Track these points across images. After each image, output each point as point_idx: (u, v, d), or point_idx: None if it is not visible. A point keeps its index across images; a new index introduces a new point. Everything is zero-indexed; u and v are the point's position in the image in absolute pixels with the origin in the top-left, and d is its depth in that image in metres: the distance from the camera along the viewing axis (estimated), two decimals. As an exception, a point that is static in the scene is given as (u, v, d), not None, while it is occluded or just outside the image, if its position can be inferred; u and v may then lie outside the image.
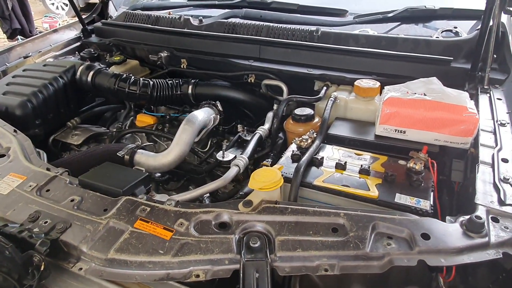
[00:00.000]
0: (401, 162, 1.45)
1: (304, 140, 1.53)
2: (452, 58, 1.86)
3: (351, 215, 1.15)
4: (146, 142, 2.14)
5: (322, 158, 1.46)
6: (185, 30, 2.33)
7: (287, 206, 1.20)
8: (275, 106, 2.02)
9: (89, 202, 1.27)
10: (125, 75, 2.10)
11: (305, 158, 1.41)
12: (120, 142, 2.11)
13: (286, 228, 1.14)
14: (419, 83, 1.65)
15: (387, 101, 1.54)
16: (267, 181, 1.25)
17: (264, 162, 1.66)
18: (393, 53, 1.91)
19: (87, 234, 1.14)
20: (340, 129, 1.68)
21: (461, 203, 1.40)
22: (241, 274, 1.02)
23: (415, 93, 1.56)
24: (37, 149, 1.66)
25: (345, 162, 1.42)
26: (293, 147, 1.56)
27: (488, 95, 1.74)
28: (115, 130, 2.17)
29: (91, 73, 2.11)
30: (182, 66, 2.36)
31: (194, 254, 1.07)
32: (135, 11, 2.63)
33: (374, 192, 1.28)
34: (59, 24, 7.26)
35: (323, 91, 1.87)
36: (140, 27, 2.46)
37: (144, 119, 2.17)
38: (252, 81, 2.13)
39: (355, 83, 1.78)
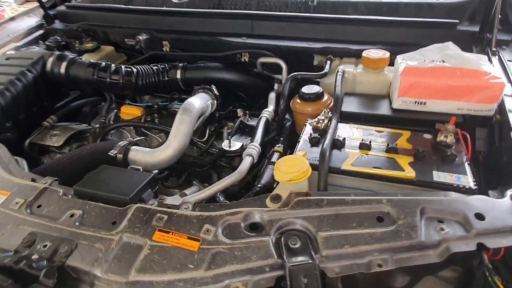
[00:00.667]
0: (427, 136, 1.36)
1: (320, 121, 1.40)
2: (458, 21, 1.77)
3: (394, 201, 1.04)
4: (136, 137, 1.94)
5: (344, 139, 1.34)
6: (165, 8, 2.10)
7: (322, 197, 1.08)
8: (276, 86, 1.86)
9: (93, 216, 1.09)
10: (103, 63, 1.87)
11: (327, 140, 1.28)
12: (107, 139, 1.90)
13: (326, 222, 1.02)
14: (434, 50, 1.54)
15: (405, 71, 1.43)
16: (295, 171, 1.11)
17: (276, 148, 1.53)
18: (397, 19, 1.79)
19: (99, 255, 0.97)
20: (352, 105, 1.56)
21: (492, 174, 1.33)
22: (288, 282, 0.90)
23: (433, 61, 1.45)
24: (15, 157, 1.44)
25: (370, 142, 1.30)
26: (308, 130, 1.43)
27: (497, 57, 1.67)
28: (98, 126, 1.94)
29: (64, 64, 1.86)
30: (164, 49, 2.15)
31: (229, 264, 0.93)
32: (102, -9, 2.34)
33: (410, 172, 1.17)
34: (9, 14, 6.64)
35: (327, 66, 1.73)
36: (112, 8, 2.20)
37: (130, 111, 1.96)
38: (246, 60, 1.96)
39: (363, 54, 1.65)
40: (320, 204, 1.06)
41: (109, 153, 1.53)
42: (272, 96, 1.79)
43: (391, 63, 1.62)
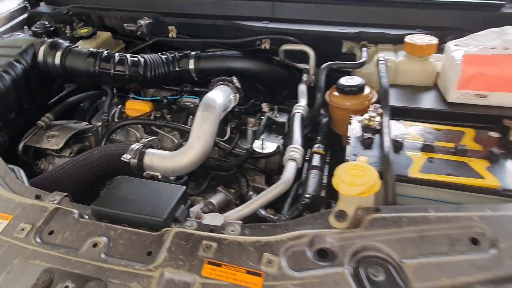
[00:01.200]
0: (493, 134, 1.19)
1: (372, 119, 1.21)
2: (504, 2, 1.60)
3: (487, 218, 0.87)
4: (145, 136, 1.72)
5: (403, 139, 1.16)
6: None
7: (399, 214, 0.91)
8: (304, 77, 1.65)
9: (121, 244, 0.89)
10: (105, 52, 1.62)
11: (387, 142, 1.10)
12: (112, 140, 1.67)
13: (410, 246, 0.85)
14: (490, 35, 1.37)
15: (466, 59, 1.25)
16: (364, 183, 0.93)
17: (315, 149, 1.34)
18: (438, 0, 1.60)
19: (138, 299, 0.77)
20: (397, 99, 1.38)
21: None
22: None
23: (494, 48, 1.28)
24: (10, 166, 1.20)
25: (433, 142, 1.13)
26: (356, 128, 1.24)
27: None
28: (100, 124, 1.71)
29: (59, 53, 1.60)
30: (170, 36, 1.90)
31: (304, 306, 0.75)
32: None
33: (493, 180, 1.01)
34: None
35: (364, 53, 1.54)
36: (109, -12, 1.93)
37: (137, 107, 1.72)
38: (267, 47, 1.75)
39: (407, 39, 1.46)
40: (399, 223, 0.88)
41: (121, 158, 1.31)
42: (302, 88, 1.59)
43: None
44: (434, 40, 1.45)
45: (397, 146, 1.14)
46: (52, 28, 2.00)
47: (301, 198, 1.15)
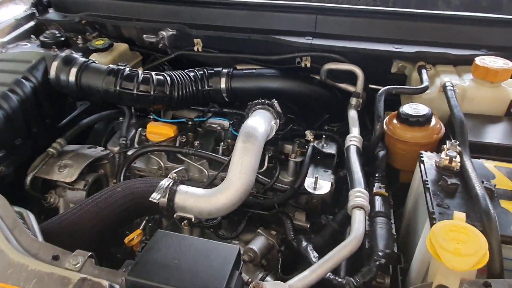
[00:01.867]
0: None
1: (453, 159, 1.02)
2: None
3: None
4: (167, 163, 1.51)
5: (494, 185, 0.97)
6: (198, -3, 1.66)
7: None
8: (353, 101, 1.46)
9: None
10: (127, 69, 1.43)
11: (480, 190, 0.91)
12: (132, 167, 1.47)
13: None
14: None
15: (560, 90, 1.07)
16: (474, 253, 0.74)
17: (377, 190, 1.14)
18: (504, 17, 1.42)
19: None
20: (470, 132, 1.18)
21: None
22: None
23: None
24: (16, 208, 0.99)
25: (534, 190, 0.94)
26: (431, 170, 1.04)
27: None
28: (118, 150, 1.50)
29: (74, 69, 1.40)
30: (196, 49, 1.71)
31: None
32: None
33: None
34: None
35: (425, 76, 1.35)
36: (127, -4, 1.73)
37: (160, 130, 1.52)
38: (308, 65, 1.55)
39: (477, 62, 1.28)
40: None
41: (150, 199, 1.10)
42: (354, 115, 1.40)
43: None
44: (510, 64, 1.26)
45: (489, 194, 0.95)
46: (62, 39, 1.80)
47: (373, 256, 0.95)
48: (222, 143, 1.50)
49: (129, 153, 1.50)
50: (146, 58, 1.91)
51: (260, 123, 1.27)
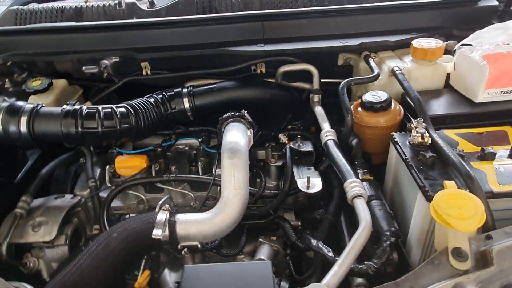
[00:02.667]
0: (531, 128, 1.21)
1: (423, 135, 1.15)
2: (479, -3, 1.67)
3: None
4: (146, 195, 1.46)
5: (462, 150, 1.11)
6: (140, 20, 1.60)
7: (518, 238, 0.84)
8: (316, 98, 1.54)
9: None
10: (84, 107, 1.33)
11: (454, 157, 1.04)
12: (112, 211, 1.39)
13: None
14: (495, 31, 1.40)
15: (490, 59, 1.26)
16: (475, 214, 0.86)
17: (363, 176, 1.24)
18: (421, 2, 1.62)
19: None
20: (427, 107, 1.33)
21: None
22: None
23: (508, 44, 1.31)
24: (14, 284, 0.90)
25: (493, 148, 1.11)
26: (405, 149, 1.16)
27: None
28: (88, 194, 1.41)
29: (24, 118, 1.27)
30: (144, 73, 1.65)
31: None
32: (32, 6, 1.71)
33: None
34: None
35: (373, 64, 1.48)
36: (57, 29, 1.60)
37: (130, 163, 1.45)
38: (263, 71, 1.60)
39: (414, 44, 1.44)
40: (526, 248, 0.82)
41: (153, 236, 1.07)
42: (321, 111, 1.47)
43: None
44: (441, 43, 1.44)
45: (463, 159, 1.09)
46: (-13, 86, 1.62)
47: (381, 237, 1.04)
48: (199, 163, 1.48)
49: (102, 194, 1.42)
50: (87, 91, 1.80)
51: (239, 136, 1.29)
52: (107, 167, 1.47)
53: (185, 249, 1.17)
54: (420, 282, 0.81)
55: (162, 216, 1.11)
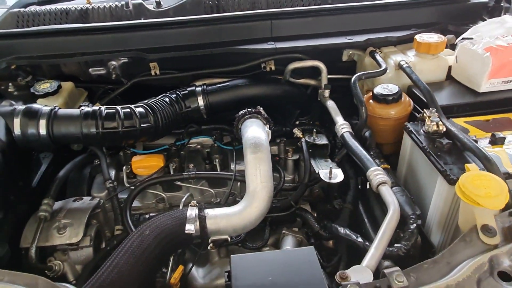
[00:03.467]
0: (531, 114, 1.30)
1: (437, 123, 1.22)
2: (472, -6, 1.77)
3: None
4: (163, 194, 1.47)
5: (475, 136, 1.19)
6: (149, 21, 1.60)
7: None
8: (326, 92, 1.59)
9: None
10: (102, 108, 1.33)
11: (470, 143, 1.11)
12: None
13: None
14: (492, 25, 1.50)
15: (492, 51, 1.34)
16: (501, 192, 0.93)
17: (381, 165, 1.29)
18: (424, -1, 1.70)
19: None
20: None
21: None
22: None
23: (506, 36, 1.40)
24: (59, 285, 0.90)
25: (502, 133, 1.19)
26: (421, 137, 1.23)
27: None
28: (105, 195, 1.41)
29: (43, 121, 1.26)
30: (153, 73, 1.66)
31: None
32: (35, 8, 1.68)
33: None
34: None
35: (380, 59, 1.54)
36: (68, 30, 1.58)
37: (147, 163, 1.46)
38: (272, 68, 1.64)
39: (418, 39, 1.51)
40: (549, 222, 0.89)
41: (186, 232, 1.09)
42: (333, 105, 1.52)
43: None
44: (442, 37, 1.52)
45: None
46: (-8, 90, 1.58)
47: (408, 221, 1.09)
48: (216, 160, 1.51)
49: (121, 195, 1.41)
50: (90, 93, 1.78)
51: (259, 131, 1.33)
52: (124, 167, 1.47)
53: (211, 244, 1.20)
54: (456, 257, 0.87)
55: (192, 211, 1.13)
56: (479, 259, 0.84)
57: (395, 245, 1.06)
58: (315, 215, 1.44)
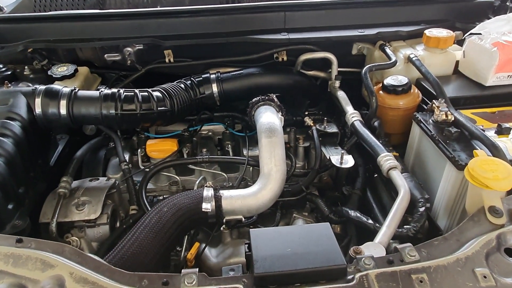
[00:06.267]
0: (536, 107, 1.35)
1: (446, 113, 1.26)
2: (479, -8, 1.82)
3: None
4: (176, 177, 1.50)
5: (482, 126, 1.24)
6: (166, 9, 1.64)
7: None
8: (337, 83, 1.64)
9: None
10: (121, 90, 1.37)
11: (478, 131, 1.16)
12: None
13: None
14: (499, 22, 1.54)
15: (499, 46, 1.39)
16: (508, 175, 0.97)
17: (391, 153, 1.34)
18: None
19: None
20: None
21: None
22: None
23: (511, 33, 1.45)
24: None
25: (509, 124, 1.23)
26: (430, 126, 1.27)
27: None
28: (120, 176, 1.44)
29: (64, 101, 1.30)
30: (167, 61, 1.70)
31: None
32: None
33: None
34: None
35: (390, 52, 1.59)
36: (86, 15, 1.61)
37: (161, 147, 1.50)
38: (284, 59, 1.68)
39: (428, 34, 1.56)
40: (553, 204, 0.94)
41: (203, 210, 1.13)
42: (343, 95, 1.57)
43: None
44: (451, 32, 1.57)
45: (482, 133, 1.21)
46: (9, 72, 1.62)
47: (417, 204, 1.14)
48: (229, 146, 1.55)
49: (135, 178, 1.45)
50: (104, 79, 1.81)
51: (273, 117, 1.37)
52: (139, 150, 1.50)
53: (224, 226, 1.24)
54: (465, 235, 0.91)
55: (208, 192, 1.17)
56: (487, 236, 0.89)
57: (405, 226, 1.10)
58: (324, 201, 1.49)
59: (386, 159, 1.20)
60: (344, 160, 1.33)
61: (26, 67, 1.69)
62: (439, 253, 0.87)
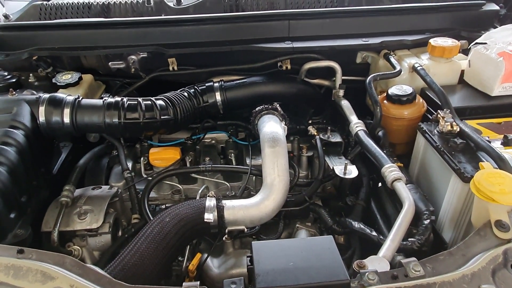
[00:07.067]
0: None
1: (452, 123, 1.25)
2: (484, 2, 1.81)
3: None
4: (179, 186, 1.50)
5: (488, 137, 1.22)
6: (170, 17, 1.65)
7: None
8: (341, 92, 1.63)
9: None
10: (124, 99, 1.37)
11: (484, 143, 1.14)
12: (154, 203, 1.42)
13: None
14: (505, 31, 1.53)
15: (505, 56, 1.38)
16: (514, 189, 0.95)
17: (395, 163, 1.32)
18: (437, 4, 1.74)
19: None
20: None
21: None
22: None
23: (518, 42, 1.44)
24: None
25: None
26: (434, 137, 1.26)
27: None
28: (123, 185, 1.44)
29: (67, 110, 1.30)
30: (171, 69, 1.70)
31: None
32: (57, 1, 1.73)
33: None
34: None
35: (395, 62, 1.58)
36: (91, 24, 1.62)
37: (164, 155, 1.49)
38: (288, 67, 1.67)
39: (433, 43, 1.55)
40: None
41: (205, 220, 1.12)
42: (347, 104, 1.56)
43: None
44: (456, 42, 1.56)
45: (488, 145, 1.19)
46: (14, 80, 1.62)
47: (422, 216, 1.12)
48: (232, 155, 1.54)
49: (138, 186, 1.45)
50: (108, 87, 1.82)
51: (277, 126, 1.36)
52: (141, 158, 1.50)
53: (226, 236, 1.23)
54: (471, 250, 0.90)
55: (210, 201, 1.16)
56: (494, 251, 0.87)
57: (409, 239, 1.08)
58: (327, 211, 1.47)
59: (391, 170, 1.18)
60: (347, 170, 1.32)
61: (31, 74, 1.70)
62: (445, 269, 0.86)
